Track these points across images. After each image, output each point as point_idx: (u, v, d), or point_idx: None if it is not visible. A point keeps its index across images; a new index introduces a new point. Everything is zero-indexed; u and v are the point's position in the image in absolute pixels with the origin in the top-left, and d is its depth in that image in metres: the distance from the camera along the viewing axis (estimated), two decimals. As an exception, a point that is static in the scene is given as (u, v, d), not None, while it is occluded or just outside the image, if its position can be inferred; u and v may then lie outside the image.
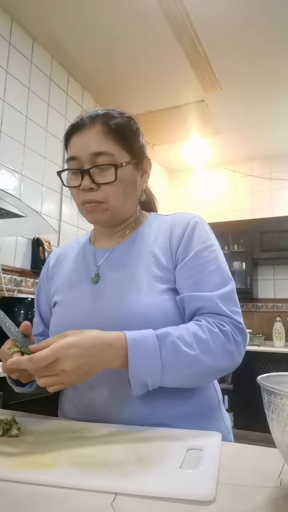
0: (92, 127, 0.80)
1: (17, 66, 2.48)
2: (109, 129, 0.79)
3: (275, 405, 0.44)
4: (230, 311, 0.75)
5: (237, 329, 0.74)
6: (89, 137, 0.79)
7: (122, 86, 3.14)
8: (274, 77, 2.98)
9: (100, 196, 0.79)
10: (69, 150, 0.83)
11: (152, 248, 0.83)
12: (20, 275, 2.44)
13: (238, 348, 0.73)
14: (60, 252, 0.99)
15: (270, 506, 0.42)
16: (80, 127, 0.81)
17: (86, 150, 0.79)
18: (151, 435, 0.64)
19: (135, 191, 0.86)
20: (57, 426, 0.70)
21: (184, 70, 2.90)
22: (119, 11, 2.39)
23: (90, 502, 0.43)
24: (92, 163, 0.78)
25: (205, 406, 0.80)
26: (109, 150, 0.79)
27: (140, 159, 0.85)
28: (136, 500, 0.43)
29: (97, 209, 0.81)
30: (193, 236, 0.81)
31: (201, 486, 0.44)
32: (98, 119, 0.80)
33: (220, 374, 0.75)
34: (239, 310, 0.77)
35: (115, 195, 0.80)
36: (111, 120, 0.81)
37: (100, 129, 0.79)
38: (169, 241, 0.82)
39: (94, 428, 0.68)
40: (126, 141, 0.82)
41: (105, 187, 0.79)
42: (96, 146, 0.78)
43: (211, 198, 4.59)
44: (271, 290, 4.14)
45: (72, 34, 2.60)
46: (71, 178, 0.82)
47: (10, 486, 0.47)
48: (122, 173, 0.80)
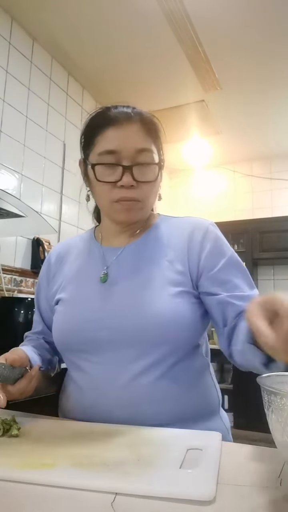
0: (132, 122, 0.78)
1: (17, 66, 2.48)
2: (147, 127, 0.80)
3: (275, 405, 0.44)
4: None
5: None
6: (131, 133, 0.78)
7: (122, 86, 3.14)
8: (274, 77, 2.98)
9: (140, 195, 0.78)
10: (102, 142, 0.78)
11: (166, 251, 0.82)
12: (20, 275, 2.44)
13: None
14: (61, 248, 0.96)
15: (270, 506, 0.42)
16: (117, 121, 0.78)
17: (129, 146, 0.77)
18: (151, 435, 0.64)
19: (158, 191, 0.86)
20: (57, 426, 0.70)
21: (184, 70, 2.90)
22: (119, 11, 2.39)
23: (90, 502, 0.43)
24: (133, 159, 0.77)
25: (206, 407, 0.80)
26: (150, 147, 0.79)
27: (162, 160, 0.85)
28: (136, 500, 0.43)
29: (134, 208, 0.79)
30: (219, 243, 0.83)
31: (201, 486, 0.44)
32: (135, 115, 0.80)
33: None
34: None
35: (151, 195, 0.81)
36: (145, 118, 0.81)
37: (140, 126, 0.79)
38: (187, 245, 0.82)
39: (94, 428, 0.68)
40: (159, 141, 0.83)
41: (143, 185, 0.78)
42: (140, 143, 0.77)
43: (211, 198, 4.58)
44: (271, 290, 4.13)
45: (72, 34, 2.60)
46: (105, 173, 0.78)
47: (10, 486, 0.47)
48: (159, 173, 0.81)
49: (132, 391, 0.74)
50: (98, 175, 0.79)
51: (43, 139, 2.70)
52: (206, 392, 0.81)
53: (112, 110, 0.81)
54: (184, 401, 0.76)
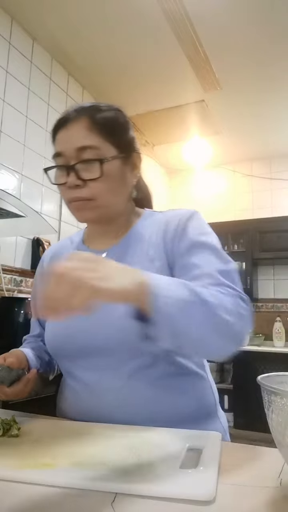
0: (77, 121, 0.77)
1: (17, 66, 2.48)
2: (94, 122, 0.76)
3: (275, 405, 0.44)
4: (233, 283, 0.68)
5: (241, 300, 0.67)
6: (73, 132, 0.76)
7: (122, 86, 3.14)
8: (275, 77, 2.98)
9: (87, 193, 0.76)
10: (55, 146, 0.80)
11: (147, 249, 0.80)
12: (20, 275, 2.44)
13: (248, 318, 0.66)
14: (54, 251, 0.96)
15: (270, 506, 0.42)
16: (65, 122, 0.78)
17: (70, 145, 0.76)
18: (151, 435, 0.64)
19: (124, 186, 0.82)
20: (57, 426, 0.70)
21: (184, 70, 2.89)
22: (119, 11, 2.39)
23: (90, 502, 0.43)
24: (78, 158, 0.75)
25: (202, 407, 0.79)
26: (94, 143, 0.75)
27: (129, 153, 0.82)
28: (136, 500, 0.43)
29: (85, 207, 0.78)
30: (187, 230, 0.77)
31: (201, 486, 0.44)
32: (83, 112, 0.78)
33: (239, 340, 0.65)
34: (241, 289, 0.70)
35: (102, 192, 0.77)
36: (96, 113, 0.78)
37: (85, 123, 0.76)
38: (163, 240, 0.79)
39: (94, 428, 0.68)
40: (113, 134, 0.78)
41: (91, 183, 0.75)
42: (80, 141, 0.75)
43: (211, 198, 4.58)
44: (271, 290, 4.14)
45: (72, 34, 2.60)
46: (58, 175, 0.79)
47: (10, 486, 0.47)
48: (109, 168, 0.76)
49: (126, 394, 0.73)
50: (52, 179, 0.80)
51: (43, 139, 2.70)
52: (200, 394, 0.80)
53: (67, 111, 0.80)
54: (178, 404, 0.75)
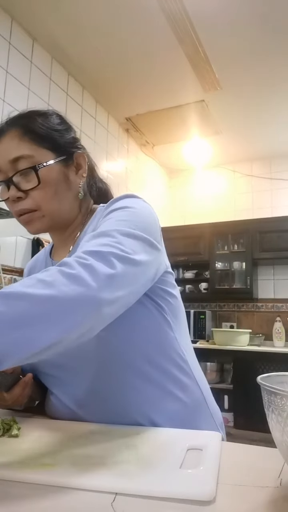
0: (8, 133, 0.75)
1: (17, 66, 2.48)
2: (23, 131, 0.74)
3: (275, 405, 0.44)
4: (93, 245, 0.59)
5: (91, 254, 0.56)
6: (5, 145, 0.74)
7: (122, 86, 3.14)
8: (275, 77, 2.98)
9: (30, 204, 0.74)
10: None
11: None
12: (20, 275, 2.44)
13: (91, 270, 0.53)
14: (32, 264, 0.95)
15: (270, 506, 0.42)
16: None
17: (4, 159, 0.74)
18: (151, 435, 0.64)
19: (69, 190, 0.79)
20: (57, 426, 0.70)
21: (184, 70, 2.90)
22: (119, 11, 2.39)
23: (90, 502, 0.43)
24: (14, 170, 0.73)
25: (187, 404, 0.77)
26: (26, 152, 0.73)
27: (69, 154, 0.79)
28: (136, 500, 0.43)
29: (32, 218, 0.75)
30: (110, 208, 0.73)
31: (201, 486, 0.44)
32: (14, 123, 0.76)
33: (79, 307, 0.51)
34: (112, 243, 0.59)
35: (45, 199, 0.74)
36: (27, 121, 0.76)
37: (14, 133, 0.74)
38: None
39: (94, 428, 0.68)
40: (47, 139, 0.76)
41: (32, 193, 0.73)
42: (12, 152, 0.73)
43: (211, 198, 4.58)
44: (271, 290, 4.14)
45: (72, 34, 2.60)
46: (2, 191, 0.76)
47: (10, 486, 0.47)
48: (46, 174, 0.74)
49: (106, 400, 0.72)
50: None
51: (43, 139, 2.70)
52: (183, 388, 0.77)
53: (1, 124, 0.78)
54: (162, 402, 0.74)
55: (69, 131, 0.82)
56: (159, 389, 0.74)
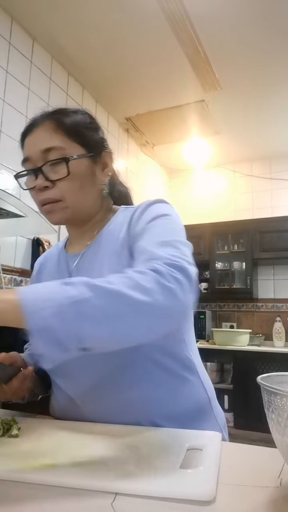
0: (42, 125, 0.78)
1: (17, 66, 2.48)
2: (58, 124, 0.78)
3: (275, 405, 0.44)
4: (168, 254, 0.63)
5: (174, 267, 0.60)
6: (38, 135, 0.77)
7: (122, 86, 3.14)
8: (275, 77, 2.98)
9: (56, 194, 0.76)
10: (23, 152, 0.81)
11: (115, 245, 0.78)
12: (20, 275, 2.44)
13: (180, 285, 0.58)
14: (42, 260, 0.97)
15: (270, 506, 0.42)
16: (31, 127, 0.79)
17: (36, 148, 0.77)
18: (151, 435, 0.64)
19: (94, 186, 0.82)
20: (57, 426, 0.70)
21: (184, 70, 2.90)
22: (119, 11, 2.39)
23: (90, 502, 0.43)
24: (44, 160, 0.76)
25: (192, 405, 0.78)
26: (59, 144, 0.76)
27: (97, 152, 0.82)
28: (136, 500, 0.43)
29: (55, 208, 0.78)
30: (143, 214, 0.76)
31: (201, 486, 0.44)
32: (47, 117, 0.79)
33: (167, 317, 0.59)
34: (182, 256, 0.64)
35: (71, 191, 0.77)
36: (61, 116, 0.79)
37: (49, 125, 0.78)
38: (127, 230, 0.77)
39: (94, 428, 0.68)
40: (79, 134, 0.79)
41: (59, 183, 0.76)
42: (45, 143, 0.76)
43: (211, 198, 4.58)
44: (271, 290, 4.14)
45: (72, 34, 2.60)
46: (28, 180, 0.79)
47: (10, 486, 0.47)
48: (76, 167, 0.76)
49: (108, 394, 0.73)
50: (23, 184, 0.80)
51: (43, 139, 2.70)
52: (190, 390, 0.79)
53: (33, 118, 0.81)
54: (167, 403, 0.74)
55: (98, 131, 0.86)
56: (165, 389, 0.75)
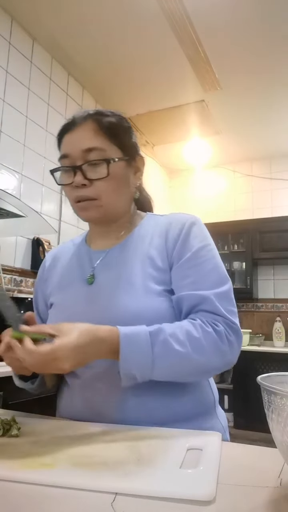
0: (84, 124, 0.80)
1: (17, 66, 2.48)
2: (100, 126, 0.80)
3: (275, 405, 0.44)
4: (226, 311, 0.75)
5: (231, 329, 0.74)
6: (80, 134, 0.79)
7: (122, 86, 3.14)
8: (275, 77, 2.99)
9: (93, 192, 0.79)
10: (61, 149, 0.83)
11: (148, 249, 0.83)
12: (20, 275, 2.44)
13: (231, 347, 0.73)
14: (56, 253, 0.98)
15: (270, 506, 0.42)
16: (71, 126, 0.81)
17: (77, 147, 0.79)
18: (151, 435, 0.64)
19: (127, 188, 0.85)
20: (57, 426, 0.70)
21: (184, 70, 2.90)
22: (119, 11, 2.39)
23: (90, 502, 0.43)
24: (84, 159, 0.78)
25: (199, 406, 0.80)
26: (101, 145, 0.79)
27: (132, 156, 0.85)
28: (136, 500, 0.43)
29: (90, 206, 0.80)
30: (189, 237, 0.81)
31: (201, 486, 0.44)
32: (89, 117, 0.81)
33: (213, 372, 0.76)
34: (235, 310, 0.77)
35: (107, 191, 0.80)
36: (102, 117, 0.81)
37: (91, 126, 0.80)
38: (165, 242, 0.82)
39: (94, 428, 0.68)
40: (118, 137, 0.82)
41: (97, 183, 0.78)
42: (88, 142, 0.78)
43: (211, 198, 4.58)
44: (271, 290, 4.14)
45: (72, 34, 2.60)
46: (64, 176, 0.82)
47: (10, 486, 0.47)
48: (114, 169, 0.79)
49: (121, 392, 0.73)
50: (58, 179, 0.83)
51: (43, 139, 2.70)
52: (199, 391, 0.81)
53: (72, 117, 0.84)
54: (176, 401, 0.76)
55: (134, 136, 0.88)
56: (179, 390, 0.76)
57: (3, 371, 1.40)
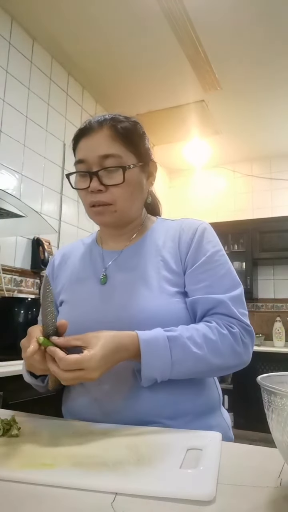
0: (100, 130, 0.82)
1: (17, 66, 2.48)
2: (117, 133, 0.82)
3: (275, 405, 0.44)
4: (240, 313, 0.78)
5: (245, 331, 0.78)
6: (97, 140, 0.81)
7: (122, 86, 3.14)
8: (275, 77, 2.98)
9: (108, 198, 0.81)
10: (77, 153, 0.85)
11: (161, 252, 0.85)
12: (20, 275, 2.44)
13: (246, 348, 0.77)
14: (65, 251, 1.00)
15: (270, 506, 0.42)
16: (88, 131, 0.83)
17: (94, 153, 0.80)
18: (151, 435, 0.64)
19: (141, 193, 0.87)
20: (57, 426, 0.70)
21: (184, 70, 2.89)
22: (119, 11, 2.39)
23: (90, 502, 0.43)
24: (100, 165, 0.80)
25: (207, 403, 0.81)
26: (117, 152, 0.81)
27: (146, 162, 0.87)
28: (136, 500, 0.43)
29: (105, 211, 0.82)
30: (203, 241, 0.84)
31: (201, 486, 0.44)
32: (105, 123, 0.82)
33: (228, 371, 0.81)
34: (246, 313, 0.81)
35: (122, 197, 0.82)
36: (118, 124, 0.83)
37: (108, 132, 0.81)
38: (178, 246, 0.85)
39: (94, 428, 0.68)
40: (133, 144, 0.84)
41: (113, 189, 0.80)
42: (105, 149, 0.80)
43: (211, 198, 4.58)
44: (271, 290, 4.14)
45: (72, 34, 2.60)
46: (79, 181, 0.84)
47: (10, 486, 0.47)
48: (130, 175, 0.81)
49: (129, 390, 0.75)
50: (74, 184, 0.85)
51: (43, 139, 2.70)
52: (205, 389, 0.82)
53: (88, 122, 0.85)
54: (184, 397, 0.77)
55: (147, 141, 0.90)
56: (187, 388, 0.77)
57: (3, 371, 1.40)
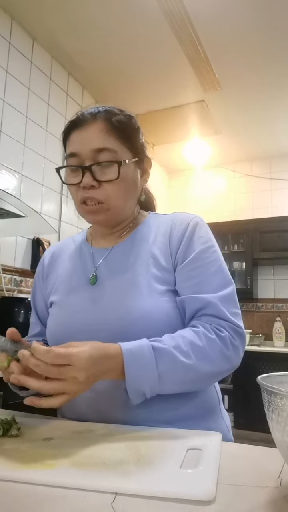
0: (94, 123, 0.77)
1: (17, 66, 2.48)
2: (111, 126, 0.77)
3: (275, 405, 0.44)
4: (230, 314, 0.74)
5: (235, 333, 0.74)
6: (90, 133, 0.77)
7: (122, 86, 3.14)
8: (274, 77, 2.98)
9: (101, 195, 0.77)
10: (68, 146, 0.80)
11: (151, 248, 0.82)
12: (20, 275, 2.44)
13: (236, 352, 0.73)
14: (54, 250, 0.96)
15: (270, 506, 0.42)
16: (80, 123, 0.78)
17: (87, 146, 0.76)
18: (151, 435, 0.64)
19: (135, 190, 0.84)
20: (57, 426, 0.70)
21: (184, 70, 2.90)
22: (119, 11, 2.39)
23: (90, 502, 0.43)
24: (94, 160, 0.76)
25: (205, 407, 0.80)
26: (112, 146, 0.76)
27: (141, 158, 0.84)
28: (136, 500, 0.43)
29: (98, 209, 0.78)
30: (194, 237, 0.80)
31: (201, 486, 0.44)
32: (99, 115, 0.78)
33: (218, 378, 0.75)
34: (239, 312, 0.77)
35: (116, 194, 0.77)
36: (113, 117, 0.79)
37: (102, 125, 0.77)
38: (169, 241, 0.81)
39: (94, 428, 0.68)
40: (128, 138, 0.80)
41: (106, 185, 0.76)
42: (99, 142, 0.76)
43: (211, 198, 4.58)
44: (271, 290, 4.14)
45: (72, 34, 2.60)
46: (70, 175, 0.79)
47: (10, 486, 0.47)
48: (124, 171, 0.77)
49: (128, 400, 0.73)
50: (64, 178, 0.81)
51: (43, 139, 2.70)
52: (205, 393, 0.81)
53: (80, 113, 0.80)
54: (183, 401, 0.75)
55: (142, 136, 0.86)
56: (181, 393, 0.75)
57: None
